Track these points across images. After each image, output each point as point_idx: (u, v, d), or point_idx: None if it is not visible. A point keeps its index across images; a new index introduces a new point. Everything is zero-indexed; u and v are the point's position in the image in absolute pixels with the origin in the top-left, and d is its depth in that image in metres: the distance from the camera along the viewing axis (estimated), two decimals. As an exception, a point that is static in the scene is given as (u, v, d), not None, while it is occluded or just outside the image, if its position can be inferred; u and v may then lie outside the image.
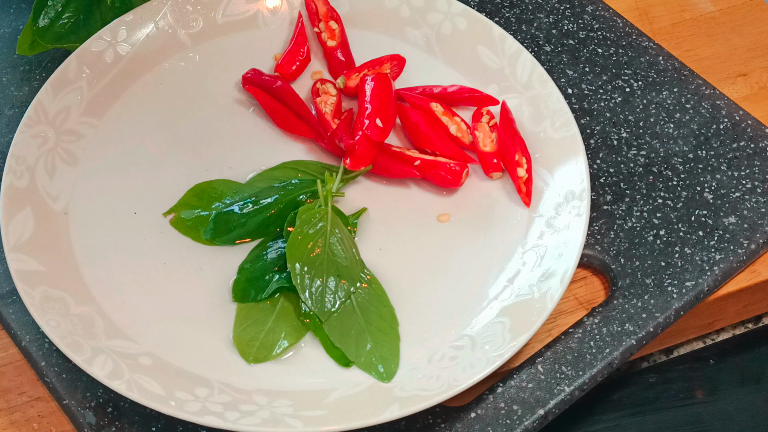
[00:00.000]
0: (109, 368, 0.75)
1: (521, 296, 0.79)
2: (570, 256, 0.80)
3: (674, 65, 0.94)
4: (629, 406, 0.85)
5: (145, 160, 0.86)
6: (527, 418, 0.77)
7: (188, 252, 0.82)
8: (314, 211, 0.81)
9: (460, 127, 0.88)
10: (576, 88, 0.93)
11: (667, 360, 0.87)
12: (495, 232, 0.84)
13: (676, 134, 0.91)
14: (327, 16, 0.93)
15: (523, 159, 0.86)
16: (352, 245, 0.81)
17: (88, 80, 0.88)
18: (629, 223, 0.86)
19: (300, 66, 0.91)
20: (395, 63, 0.91)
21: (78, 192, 0.84)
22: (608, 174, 0.88)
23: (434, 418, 0.77)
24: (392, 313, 0.79)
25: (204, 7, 0.93)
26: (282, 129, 0.89)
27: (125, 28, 0.90)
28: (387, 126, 0.86)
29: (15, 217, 0.81)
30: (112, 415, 0.77)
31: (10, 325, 0.80)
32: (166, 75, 0.91)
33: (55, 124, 0.86)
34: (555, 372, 0.79)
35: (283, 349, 0.78)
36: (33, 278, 0.78)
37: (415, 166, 0.86)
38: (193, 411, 0.74)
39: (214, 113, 0.89)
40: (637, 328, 0.80)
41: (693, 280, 0.83)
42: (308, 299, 0.79)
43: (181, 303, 0.80)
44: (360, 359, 0.77)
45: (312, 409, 0.75)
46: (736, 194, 0.87)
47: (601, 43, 0.96)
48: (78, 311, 0.78)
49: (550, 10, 0.98)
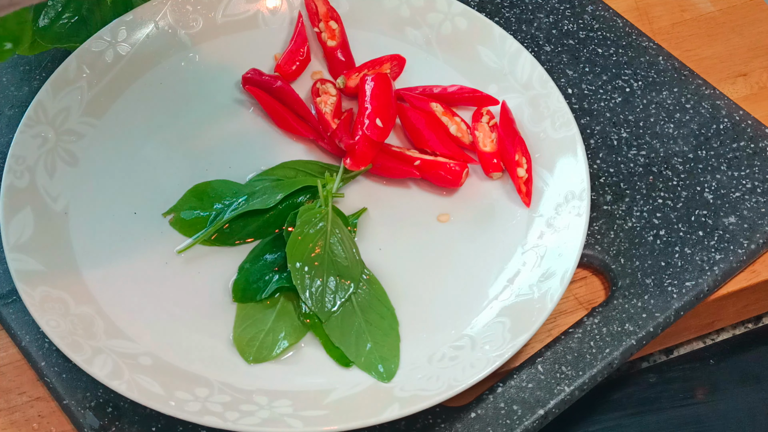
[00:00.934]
0: (109, 368, 0.75)
1: (521, 296, 0.79)
2: (570, 256, 0.80)
3: (674, 65, 0.94)
4: (629, 406, 0.85)
5: (145, 159, 0.86)
6: (527, 418, 0.77)
7: (188, 252, 0.82)
8: (314, 211, 0.81)
9: (460, 127, 0.88)
10: (576, 88, 0.93)
11: (667, 360, 0.87)
12: (495, 232, 0.84)
13: (676, 134, 0.91)
14: (327, 16, 0.93)
15: (523, 159, 0.86)
16: (353, 245, 0.81)
17: (88, 80, 0.88)
18: (629, 223, 0.86)
19: (300, 66, 0.91)
20: (395, 63, 0.91)
21: (78, 192, 0.84)
22: (608, 174, 0.88)
23: (434, 418, 0.77)
24: (392, 313, 0.79)
25: (204, 7, 0.93)
26: (282, 129, 0.89)
27: (125, 28, 0.90)
28: (387, 126, 0.86)
29: (15, 217, 0.81)
30: (112, 415, 0.77)
31: (10, 325, 0.80)
32: (166, 75, 0.91)
33: (55, 124, 0.86)
34: (555, 372, 0.79)
35: (283, 349, 0.78)
36: (33, 278, 0.78)
37: (415, 166, 0.86)
38: (193, 411, 0.74)
39: (214, 113, 0.89)
40: (637, 328, 0.80)
41: (693, 280, 0.83)
42: (308, 299, 0.79)
43: (181, 303, 0.80)
44: (360, 359, 0.77)
45: (312, 409, 0.75)
46: (736, 194, 0.87)
47: (601, 43, 0.96)
48: (78, 311, 0.78)
49: (550, 10, 0.98)
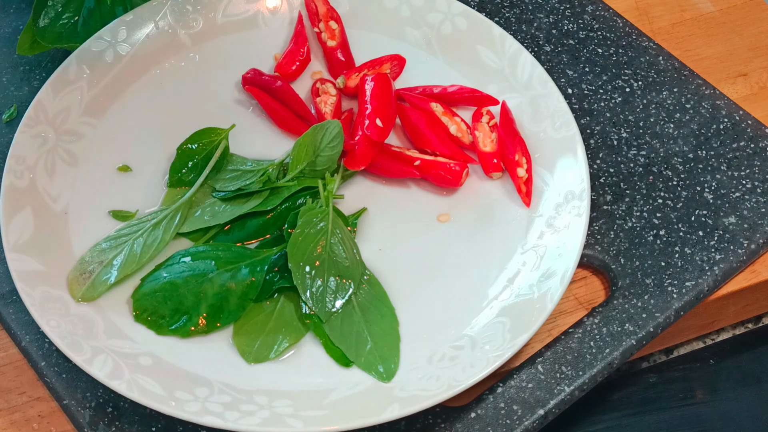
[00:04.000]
0: (109, 368, 0.75)
1: (521, 296, 0.79)
2: (570, 256, 0.80)
3: (674, 65, 0.95)
4: (629, 406, 0.85)
5: (145, 160, 0.86)
6: (527, 418, 0.77)
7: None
8: (315, 212, 0.81)
9: (460, 127, 0.88)
10: (576, 88, 0.93)
11: (667, 360, 0.87)
12: (495, 232, 0.84)
13: (676, 134, 0.91)
14: (327, 16, 0.93)
15: (523, 159, 0.86)
16: (353, 245, 0.81)
17: (88, 80, 0.88)
18: (629, 223, 0.86)
19: (300, 66, 0.91)
20: (395, 63, 0.91)
21: (78, 192, 0.84)
22: (608, 174, 0.88)
23: (434, 418, 0.77)
24: (392, 313, 0.80)
25: (204, 7, 0.93)
26: (282, 129, 0.89)
27: (125, 28, 0.90)
28: (387, 126, 0.86)
29: (15, 217, 0.81)
30: (112, 415, 0.77)
31: (10, 325, 0.80)
32: (166, 75, 0.91)
33: (55, 124, 0.86)
34: (555, 372, 0.79)
35: (283, 349, 0.78)
36: (33, 278, 0.78)
37: (415, 166, 0.86)
38: (193, 411, 0.74)
39: (214, 113, 0.89)
40: (637, 328, 0.81)
41: (693, 280, 0.83)
42: (309, 299, 0.79)
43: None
44: (360, 359, 0.78)
45: (312, 409, 0.75)
46: (736, 194, 0.87)
47: (601, 43, 0.96)
48: (78, 311, 0.78)
49: (550, 10, 0.98)
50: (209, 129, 0.86)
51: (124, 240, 0.81)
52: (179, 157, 0.85)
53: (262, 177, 0.83)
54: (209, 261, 0.80)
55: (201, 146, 0.85)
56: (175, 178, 0.85)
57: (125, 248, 0.80)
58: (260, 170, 0.84)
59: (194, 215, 0.83)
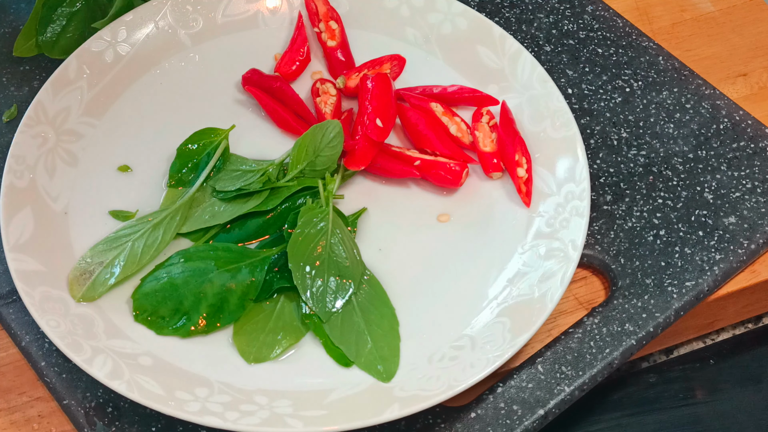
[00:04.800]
0: (109, 368, 0.75)
1: (521, 296, 0.79)
2: (570, 256, 0.80)
3: (674, 65, 0.95)
4: (629, 406, 0.85)
5: (145, 160, 0.86)
6: (527, 418, 0.77)
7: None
8: (315, 212, 0.81)
9: (460, 127, 0.88)
10: (576, 88, 0.93)
11: (667, 360, 0.87)
12: (495, 232, 0.84)
13: (676, 134, 0.91)
14: (327, 16, 0.93)
15: (523, 159, 0.86)
16: (353, 246, 0.81)
17: (88, 80, 0.88)
18: (629, 223, 0.86)
19: (300, 66, 0.91)
20: (395, 63, 0.91)
21: (78, 192, 0.84)
22: (608, 174, 0.88)
23: (434, 418, 0.77)
24: (392, 313, 0.79)
25: (204, 7, 0.93)
26: (282, 129, 0.89)
27: (125, 28, 0.90)
28: (387, 126, 0.86)
29: (15, 217, 0.81)
30: (112, 415, 0.77)
31: (10, 325, 0.80)
32: (166, 75, 0.91)
33: (55, 124, 0.86)
34: (555, 372, 0.79)
35: (283, 349, 0.78)
36: (33, 278, 0.78)
37: (415, 166, 0.86)
38: (193, 411, 0.74)
39: (214, 113, 0.89)
40: (637, 328, 0.81)
41: (693, 280, 0.83)
42: (309, 299, 0.79)
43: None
44: (360, 359, 0.77)
45: (312, 409, 0.75)
46: (736, 194, 0.87)
47: (601, 43, 0.96)
48: (78, 311, 0.78)
49: (550, 10, 0.98)
50: (209, 129, 0.86)
51: (124, 240, 0.81)
52: (179, 157, 0.85)
53: (262, 177, 0.83)
54: (209, 261, 0.80)
55: (201, 146, 0.85)
56: (175, 178, 0.85)
57: (125, 248, 0.80)
58: (260, 170, 0.84)
59: (194, 215, 0.83)
